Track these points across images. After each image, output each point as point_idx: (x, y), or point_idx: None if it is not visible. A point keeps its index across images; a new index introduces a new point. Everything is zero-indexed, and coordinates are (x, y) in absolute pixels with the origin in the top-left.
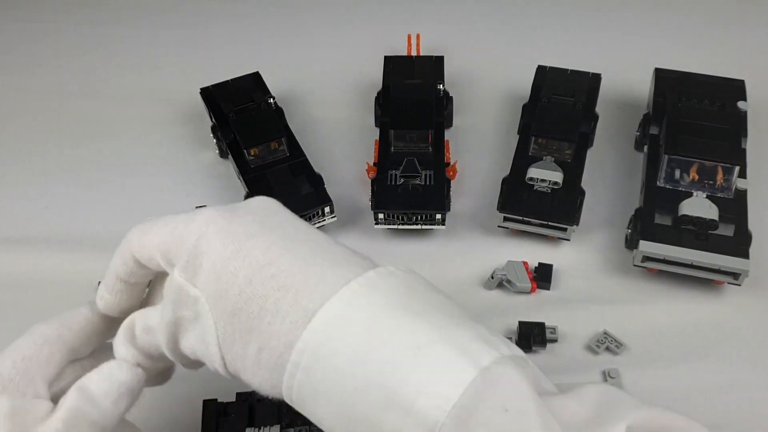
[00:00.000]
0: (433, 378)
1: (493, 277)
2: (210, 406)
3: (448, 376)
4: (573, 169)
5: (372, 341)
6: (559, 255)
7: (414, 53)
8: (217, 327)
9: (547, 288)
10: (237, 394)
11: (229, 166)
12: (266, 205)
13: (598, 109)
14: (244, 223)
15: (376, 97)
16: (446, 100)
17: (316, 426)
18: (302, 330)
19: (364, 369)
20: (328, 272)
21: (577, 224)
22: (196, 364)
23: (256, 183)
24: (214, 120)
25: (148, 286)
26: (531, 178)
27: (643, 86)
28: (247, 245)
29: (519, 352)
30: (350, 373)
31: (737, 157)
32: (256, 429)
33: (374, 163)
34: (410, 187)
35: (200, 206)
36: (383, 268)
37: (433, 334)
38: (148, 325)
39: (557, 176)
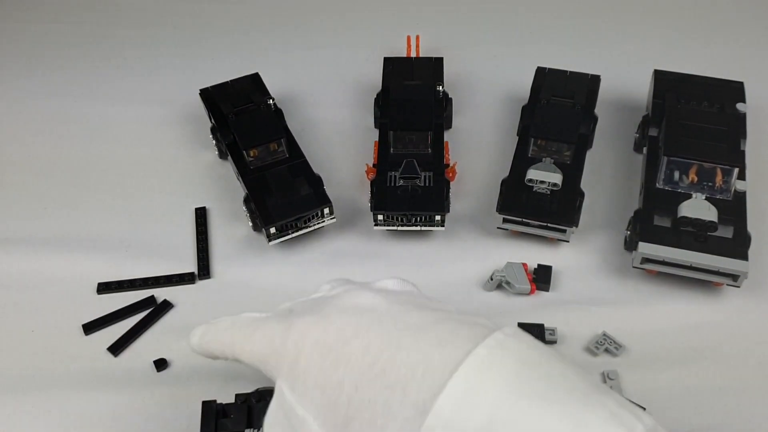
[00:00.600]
0: None
1: (492, 279)
2: (209, 407)
3: None
4: (572, 171)
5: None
6: (558, 256)
7: (413, 54)
8: None
9: (547, 289)
10: (236, 395)
11: (228, 167)
12: (357, 294)
13: (597, 111)
14: (338, 328)
15: (375, 99)
16: (446, 101)
17: None
18: (414, 425)
19: None
20: (435, 355)
21: (577, 226)
22: None
23: (255, 184)
24: (213, 121)
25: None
26: (530, 180)
27: (642, 88)
28: (346, 351)
29: (652, 420)
30: None
31: (736, 159)
32: (255, 430)
33: (374, 165)
34: (410, 189)
35: (199, 207)
36: (492, 339)
37: (562, 424)
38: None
39: (556, 178)
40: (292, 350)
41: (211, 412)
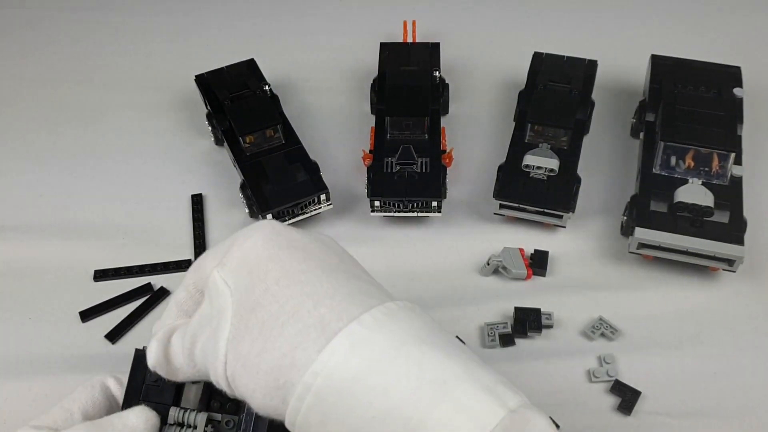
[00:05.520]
0: (460, 414)
1: (489, 264)
2: (141, 358)
3: (476, 414)
4: (569, 156)
5: (396, 371)
6: (554, 242)
7: (410, 40)
8: (232, 322)
9: (543, 275)
10: None
11: (224, 154)
12: (322, 239)
13: (594, 96)
14: (293, 239)
15: (371, 84)
16: (442, 87)
17: (247, 414)
18: (310, 336)
19: (385, 398)
20: (357, 295)
21: (573, 211)
22: (199, 375)
23: (251, 171)
24: (209, 107)
25: None
26: (527, 166)
27: (639, 73)
28: (287, 253)
29: (525, 399)
30: (368, 401)
31: (733, 144)
32: (182, 410)
33: (370, 151)
34: (406, 175)
35: (196, 194)
36: (401, 302)
37: (458, 370)
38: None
39: (553, 163)
40: (241, 237)
41: (142, 363)
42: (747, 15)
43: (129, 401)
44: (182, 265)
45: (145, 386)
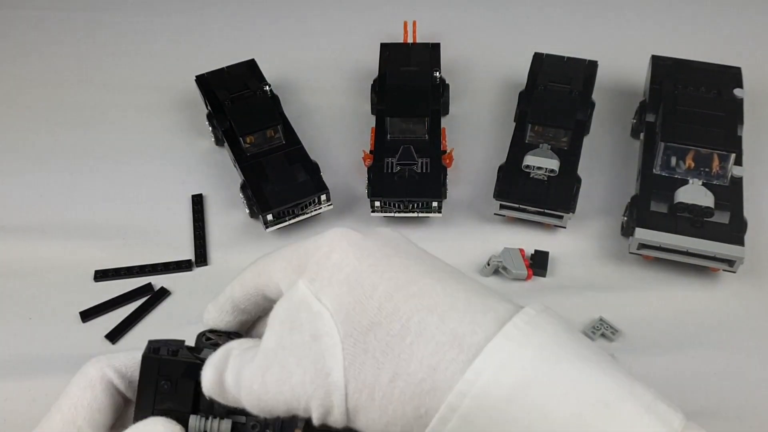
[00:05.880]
0: None
1: (489, 264)
2: (151, 362)
3: None
4: (569, 157)
5: (554, 391)
6: (555, 242)
7: (410, 40)
8: (344, 347)
9: (543, 275)
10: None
11: (224, 154)
12: (395, 236)
13: (594, 97)
14: (378, 244)
15: (372, 85)
16: (442, 87)
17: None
18: (448, 355)
19: (545, 423)
20: (475, 300)
21: (573, 212)
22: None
23: (252, 171)
24: (209, 107)
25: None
26: (527, 166)
27: (639, 73)
28: (385, 262)
29: (685, 417)
30: (526, 425)
31: (733, 145)
32: (203, 417)
33: (370, 151)
34: (406, 175)
35: (196, 194)
36: (536, 305)
37: (617, 389)
38: (242, 364)
39: (553, 164)
40: (324, 247)
41: (152, 370)
42: (747, 15)
43: (141, 411)
44: (182, 266)
45: (158, 393)
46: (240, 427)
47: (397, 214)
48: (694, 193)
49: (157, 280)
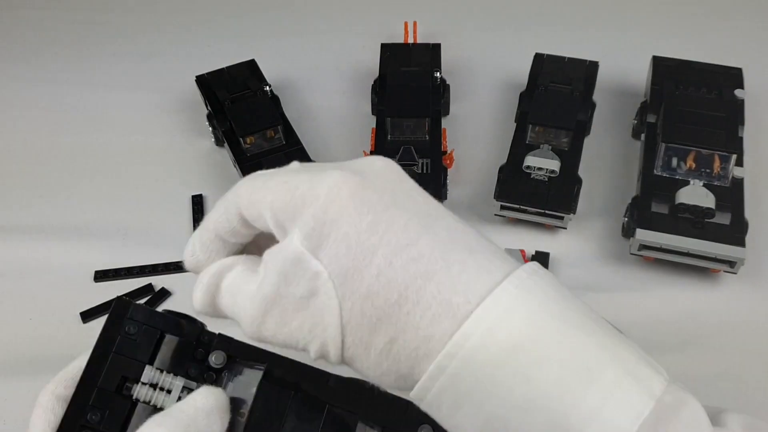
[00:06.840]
0: (607, 406)
1: None
2: (121, 309)
3: (624, 405)
4: (570, 158)
5: (538, 356)
6: (555, 243)
7: (411, 41)
8: (342, 308)
9: None
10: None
11: (225, 155)
12: (391, 168)
13: (595, 97)
14: (378, 190)
15: (372, 85)
16: (443, 88)
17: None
18: (443, 325)
19: (527, 386)
20: (470, 262)
21: (574, 212)
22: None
23: (252, 171)
24: (209, 108)
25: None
26: (528, 167)
27: (640, 74)
28: (385, 217)
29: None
30: (509, 388)
31: (734, 146)
32: (158, 370)
33: (371, 152)
34: None
35: (196, 195)
36: (529, 267)
37: (601, 354)
38: (238, 289)
39: (554, 164)
40: (322, 197)
41: (122, 311)
42: (748, 16)
43: (100, 352)
44: (182, 266)
45: (119, 338)
46: (190, 392)
47: None
48: (695, 194)
49: (158, 281)
